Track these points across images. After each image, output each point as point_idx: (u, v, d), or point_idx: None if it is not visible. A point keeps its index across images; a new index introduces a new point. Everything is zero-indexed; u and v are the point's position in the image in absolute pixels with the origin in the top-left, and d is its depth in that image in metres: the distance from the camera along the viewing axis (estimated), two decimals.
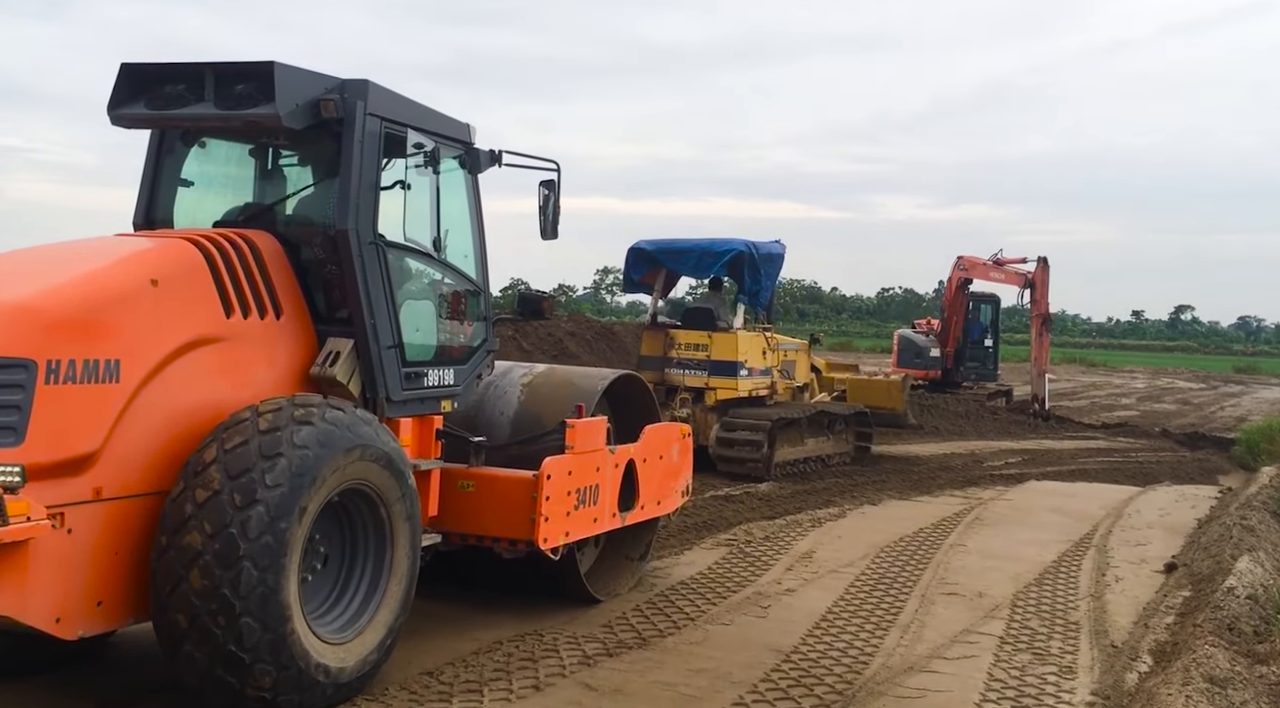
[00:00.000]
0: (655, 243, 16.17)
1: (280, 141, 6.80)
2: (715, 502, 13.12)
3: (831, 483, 15.41)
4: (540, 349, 24.24)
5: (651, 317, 16.65)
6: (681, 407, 15.26)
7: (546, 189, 7.68)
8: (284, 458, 5.30)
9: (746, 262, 15.61)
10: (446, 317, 7.29)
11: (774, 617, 8.35)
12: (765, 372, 16.14)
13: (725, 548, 10.67)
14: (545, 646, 7.28)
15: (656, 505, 8.94)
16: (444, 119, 7.18)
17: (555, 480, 7.43)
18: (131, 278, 5.40)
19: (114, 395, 5.18)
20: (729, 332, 15.58)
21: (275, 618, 5.25)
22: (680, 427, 9.45)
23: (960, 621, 8.50)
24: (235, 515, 5.16)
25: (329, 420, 5.56)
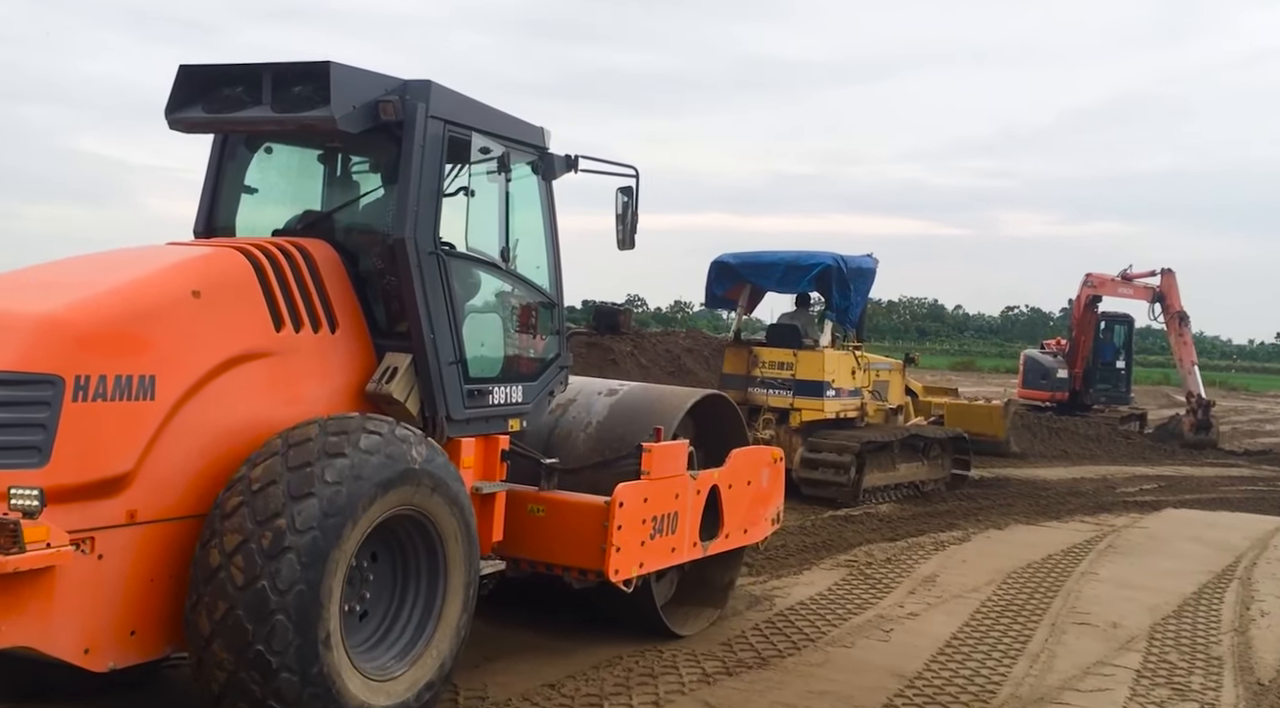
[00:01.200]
0: (739, 256, 15.56)
1: (337, 145, 6.48)
2: (834, 522, 12.91)
3: (955, 506, 14.91)
4: (657, 365, 24.12)
5: (735, 334, 16.11)
6: (765, 428, 14.68)
7: (625, 196, 7.26)
8: (314, 498, 4.92)
9: (835, 276, 14.87)
10: (515, 331, 6.90)
11: (897, 641, 8.16)
12: (854, 392, 15.42)
13: (845, 569, 10.48)
14: (664, 662, 7.27)
15: (743, 534, 8.41)
16: (515, 123, 6.80)
17: (628, 508, 6.97)
18: (170, 289, 5.10)
19: (148, 414, 4.87)
20: (815, 350, 14.93)
21: (316, 672, 4.88)
22: (771, 451, 8.91)
23: (1093, 652, 8.16)
24: (264, 566, 4.80)
25: (365, 448, 5.16)
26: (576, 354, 22.89)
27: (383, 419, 5.48)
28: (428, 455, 5.49)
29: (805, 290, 15.56)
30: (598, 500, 6.96)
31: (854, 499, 14.20)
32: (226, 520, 4.92)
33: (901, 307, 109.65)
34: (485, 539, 6.64)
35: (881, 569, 10.57)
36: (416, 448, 5.44)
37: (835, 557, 11.03)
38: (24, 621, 4.45)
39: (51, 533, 4.35)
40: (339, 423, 5.26)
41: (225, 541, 4.88)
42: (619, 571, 6.96)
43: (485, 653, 7.09)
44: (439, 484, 5.53)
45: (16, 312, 4.70)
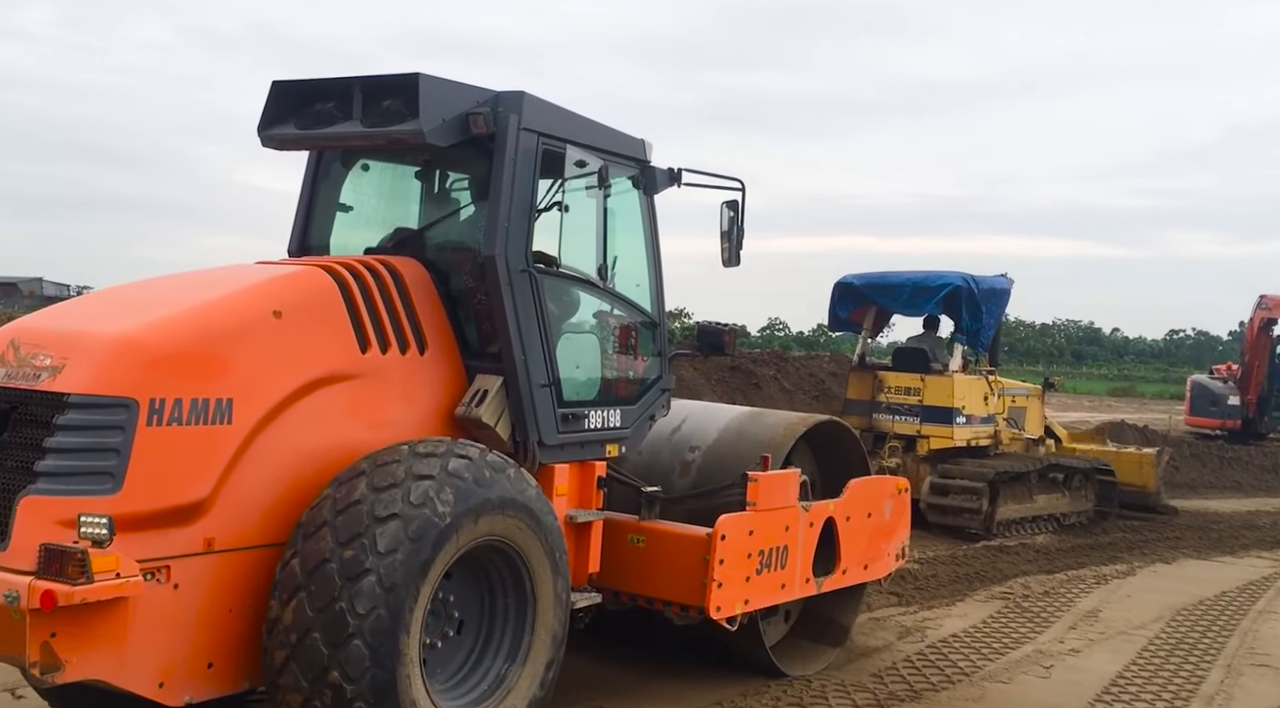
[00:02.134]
0: (864, 277, 14.94)
1: (431, 160, 6.28)
2: (987, 552, 12.50)
3: (1117, 538, 14.28)
4: (801, 389, 23.92)
5: (859, 357, 15.55)
6: (891, 456, 14.11)
7: (731, 210, 6.91)
8: (399, 520, 4.69)
9: (965, 297, 14.14)
10: (613, 352, 6.60)
11: (1058, 678, 7.87)
12: (987, 419, 14.63)
13: (1000, 601, 10.14)
14: (813, 692, 7.16)
15: (863, 570, 7.94)
16: (614, 135, 6.52)
17: (732, 541, 6.59)
18: (250, 309, 4.93)
19: (226, 438, 4.69)
20: (944, 374, 14.21)
21: (392, 703, 4.62)
22: (895, 481, 8.42)
23: (1275, 696, 7.72)
24: (344, 588, 4.58)
25: (452, 472, 4.92)
26: (718, 377, 22.78)
27: (471, 445, 5.23)
28: (516, 483, 5.22)
29: (933, 312, 14.86)
30: (699, 532, 6.60)
31: (986, 532, 13.52)
32: (307, 540, 4.72)
33: (1055, 329, 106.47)
34: (581, 571, 6.35)
35: (1039, 602, 10.18)
36: (510, 475, 5.17)
37: (989, 588, 10.67)
38: (95, 653, 4.28)
39: (121, 563, 4.17)
40: (428, 446, 5.02)
41: (306, 559, 4.68)
42: (721, 607, 6.57)
43: (590, 691, 6.82)
44: (526, 513, 5.25)
45: (91, 332, 4.58)
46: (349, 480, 4.86)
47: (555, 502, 6.02)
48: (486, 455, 5.14)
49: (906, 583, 10.47)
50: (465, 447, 5.13)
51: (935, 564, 11.60)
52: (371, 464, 4.91)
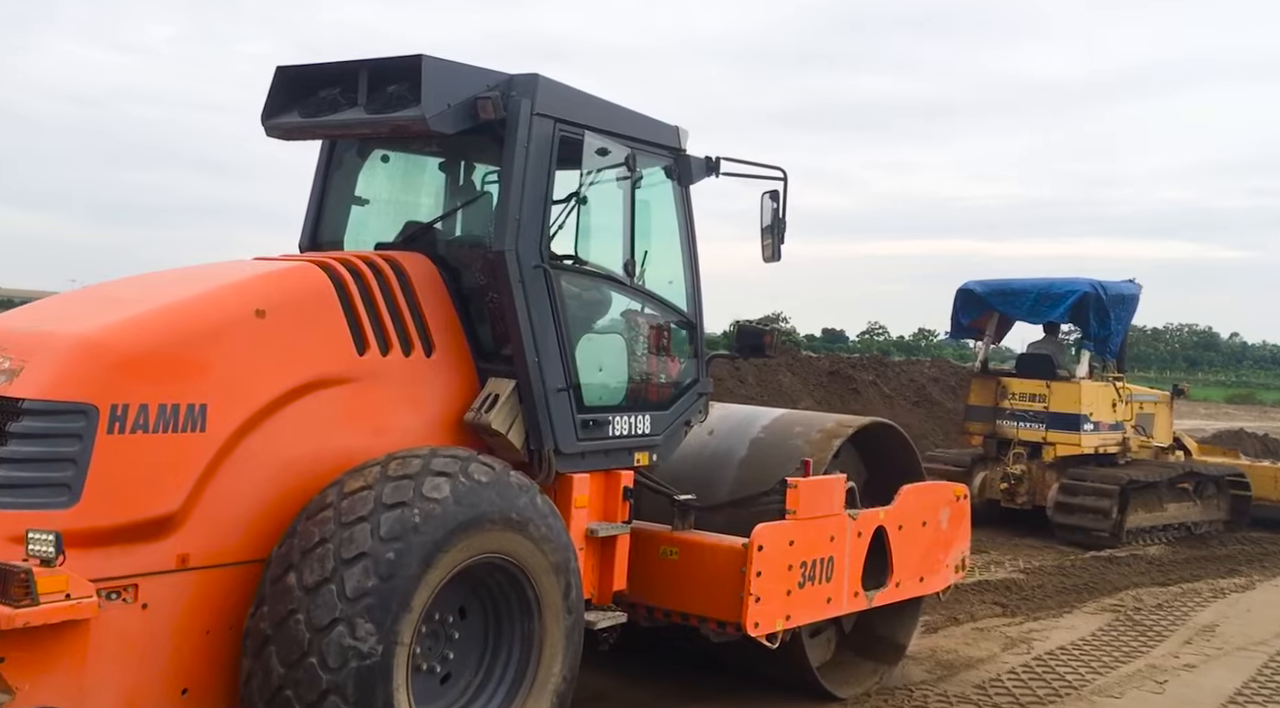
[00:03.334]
0: (987, 284, 14.66)
1: (436, 149, 5.91)
2: (1096, 563, 12.10)
3: (1236, 550, 13.67)
4: (901, 395, 23.53)
5: (981, 364, 15.13)
6: (1015, 462, 13.96)
7: (772, 201, 6.43)
8: (368, 559, 4.32)
9: (1093, 304, 13.81)
10: (642, 354, 6.18)
11: (1172, 694, 7.60)
12: (1115, 426, 14.25)
13: (1110, 614, 9.84)
14: (915, 702, 7.03)
15: (918, 583, 7.42)
16: (644, 121, 6.09)
17: (770, 552, 6.13)
18: (228, 308, 4.61)
19: (199, 447, 4.38)
20: (1070, 381, 13.91)
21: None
22: (953, 486, 7.87)
23: None
24: (314, 641, 4.23)
25: (429, 495, 4.52)
26: (815, 382, 22.32)
27: (456, 453, 4.84)
28: (509, 494, 4.82)
29: (1060, 319, 14.55)
30: (734, 543, 6.16)
31: (1116, 541, 13.14)
32: (274, 585, 4.39)
33: (1169, 334, 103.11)
34: (605, 588, 5.95)
35: (1152, 615, 9.80)
36: (494, 487, 4.78)
37: (1099, 600, 10.35)
38: (50, 679, 3.99)
39: (72, 583, 3.88)
40: (402, 465, 4.64)
41: (273, 608, 4.35)
42: (759, 624, 6.13)
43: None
44: (527, 526, 4.86)
45: (52, 333, 4.30)
46: (317, 513, 4.50)
47: (575, 514, 5.64)
48: (471, 467, 4.73)
49: (1011, 593, 10.24)
50: (447, 457, 4.73)
51: (1041, 574, 11.28)
52: (339, 493, 4.54)
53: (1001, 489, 14.12)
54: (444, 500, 4.52)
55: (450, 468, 4.65)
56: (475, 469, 4.73)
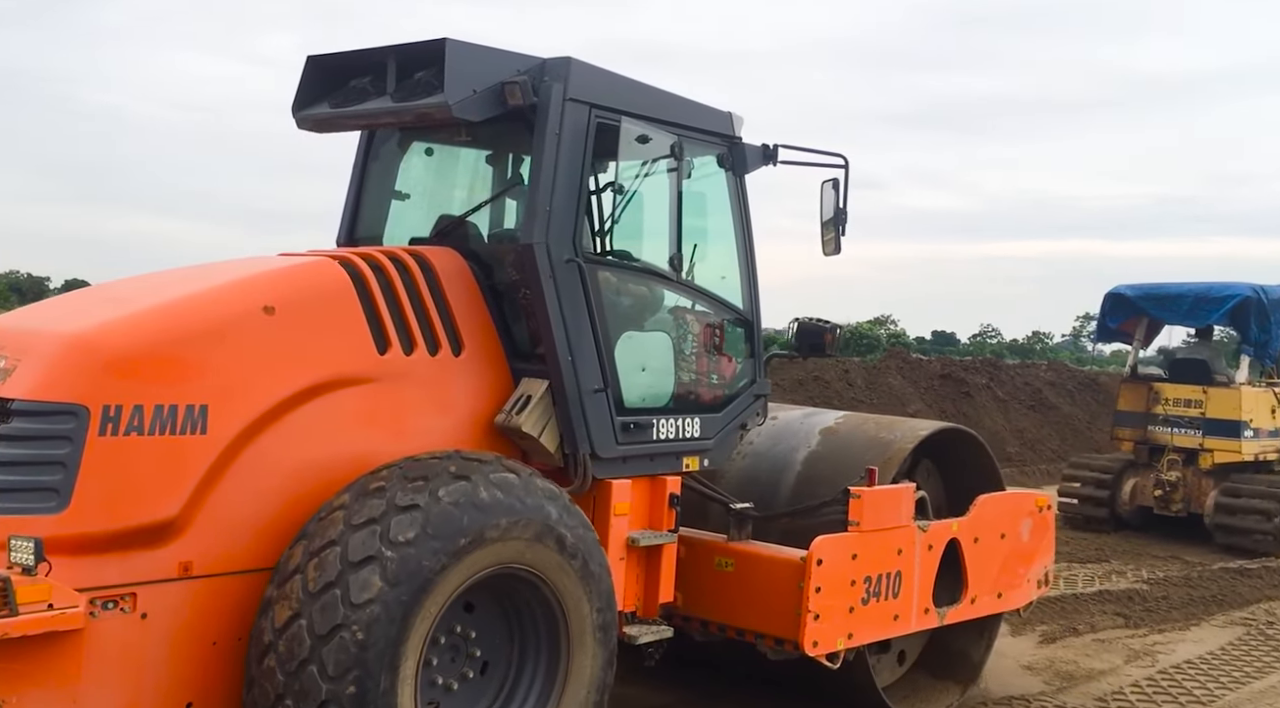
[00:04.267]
0: (1138, 288, 14.21)
1: (465, 139, 5.64)
2: (1225, 575, 11.51)
3: None
4: (1016, 399, 22.97)
5: (1131, 368, 14.61)
6: (1170, 469, 13.54)
7: (833, 190, 6.03)
8: (376, 563, 4.06)
9: (1254, 308, 13.29)
10: (690, 353, 5.83)
11: None
12: (1275, 433, 13.69)
13: (1241, 627, 9.36)
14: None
15: (996, 599, 6.93)
16: (693, 107, 5.75)
17: (830, 566, 5.74)
18: (234, 305, 4.40)
19: (199, 449, 4.17)
20: (1229, 387, 13.42)
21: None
22: (1035, 496, 7.35)
23: None
24: (316, 648, 3.99)
25: (448, 498, 4.25)
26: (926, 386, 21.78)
27: (476, 458, 4.56)
28: (534, 501, 4.52)
29: (1218, 323, 14.34)
30: (792, 556, 5.78)
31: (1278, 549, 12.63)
32: (280, 588, 4.16)
33: None
34: (650, 600, 5.62)
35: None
36: (515, 494, 4.48)
37: (1228, 613, 9.85)
38: (40, 692, 3.82)
39: (56, 593, 3.70)
40: (419, 468, 4.38)
41: (277, 613, 4.13)
42: (818, 642, 5.73)
43: None
44: (556, 538, 4.56)
45: (47, 332, 4.13)
46: (328, 515, 4.27)
47: (614, 522, 5.33)
48: (494, 472, 4.46)
49: (1134, 604, 9.89)
50: (465, 462, 4.46)
51: (1166, 585, 10.77)
52: (354, 494, 4.30)
53: (1155, 496, 13.70)
54: (462, 506, 4.25)
55: (469, 472, 4.38)
56: (500, 477, 4.44)
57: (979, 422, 21.60)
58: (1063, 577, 10.99)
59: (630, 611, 5.56)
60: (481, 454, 4.59)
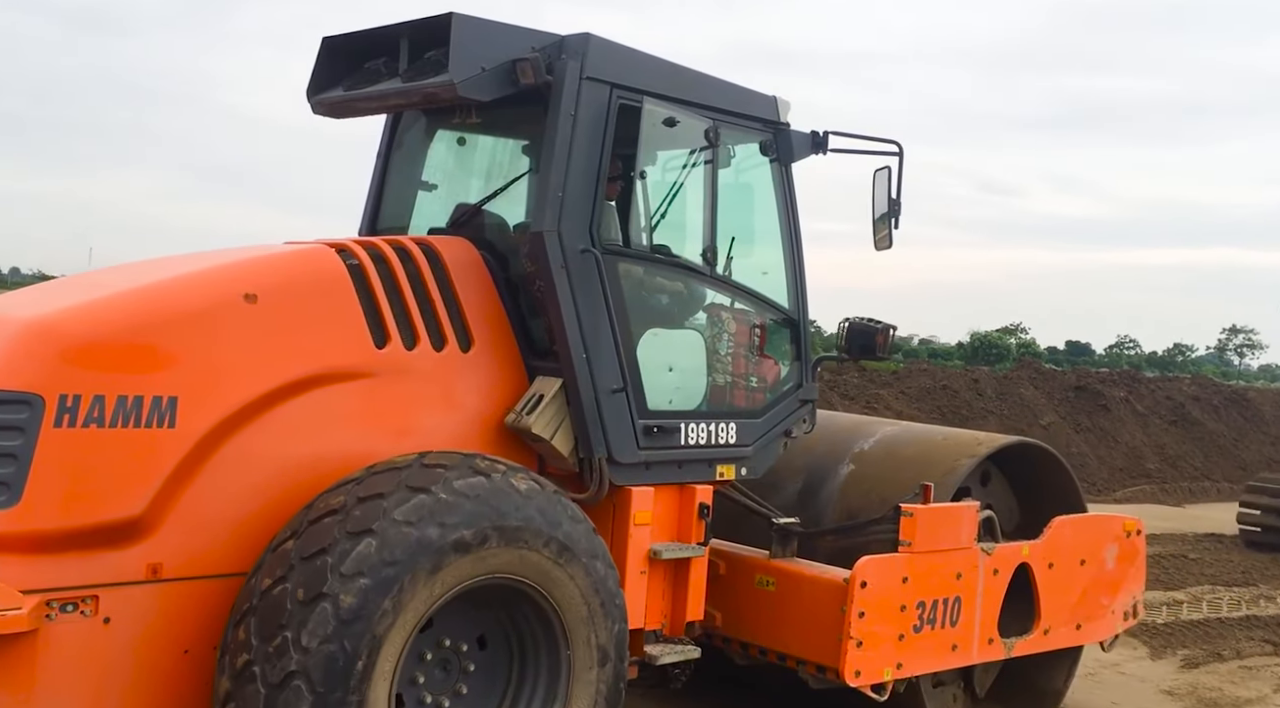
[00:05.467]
0: None
1: (473, 122, 5.31)
2: None
3: None
4: (1155, 413, 22.13)
5: None
6: None
7: (885, 179, 5.56)
8: (326, 602, 3.72)
9: None
10: (726, 353, 5.42)
11: None
12: None
13: None
14: None
15: (1073, 630, 6.34)
16: (731, 91, 5.36)
17: (876, 589, 5.26)
18: (211, 292, 4.14)
19: (166, 444, 3.91)
20: None
21: None
22: (1123, 520, 6.72)
23: None
24: (270, 698, 3.68)
25: (407, 516, 3.89)
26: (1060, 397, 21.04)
27: (454, 457, 4.20)
28: (516, 504, 4.14)
29: None
30: (834, 577, 5.32)
31: None
32: (234, 631, 3.87)
33: None
34: (677, 617, 5.22)
35: None
36: (514, 498, 4.13)
37: None
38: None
39: None
40: (377, 481, 4.03)
41: (233, 658, 3.83)
42: (861, 672, 5.26)
43: None
44: (544, 544, 4.19)
45: (4, 319, 3.92)
46: (280, 545, 3.95)
47: (634, 533, 4.95)
48: (466, 476, 4.07)
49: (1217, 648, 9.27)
50: (432, 470, 4.08)
51: None
52: (304, 519, 3.97)
53: None
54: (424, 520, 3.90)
55: (431, 483, 4.00)
56: (471, 484, 4.07)
57: (1116, 436, 20.72)
58: (1205, 600, 10.39)
59: (656, 629, 5.16)
60: (447, 456, 4.23)
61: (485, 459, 4.30)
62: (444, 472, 4.10)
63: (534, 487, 4.29)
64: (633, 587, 4.94)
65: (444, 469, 4.12)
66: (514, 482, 4.23)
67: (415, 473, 4.07)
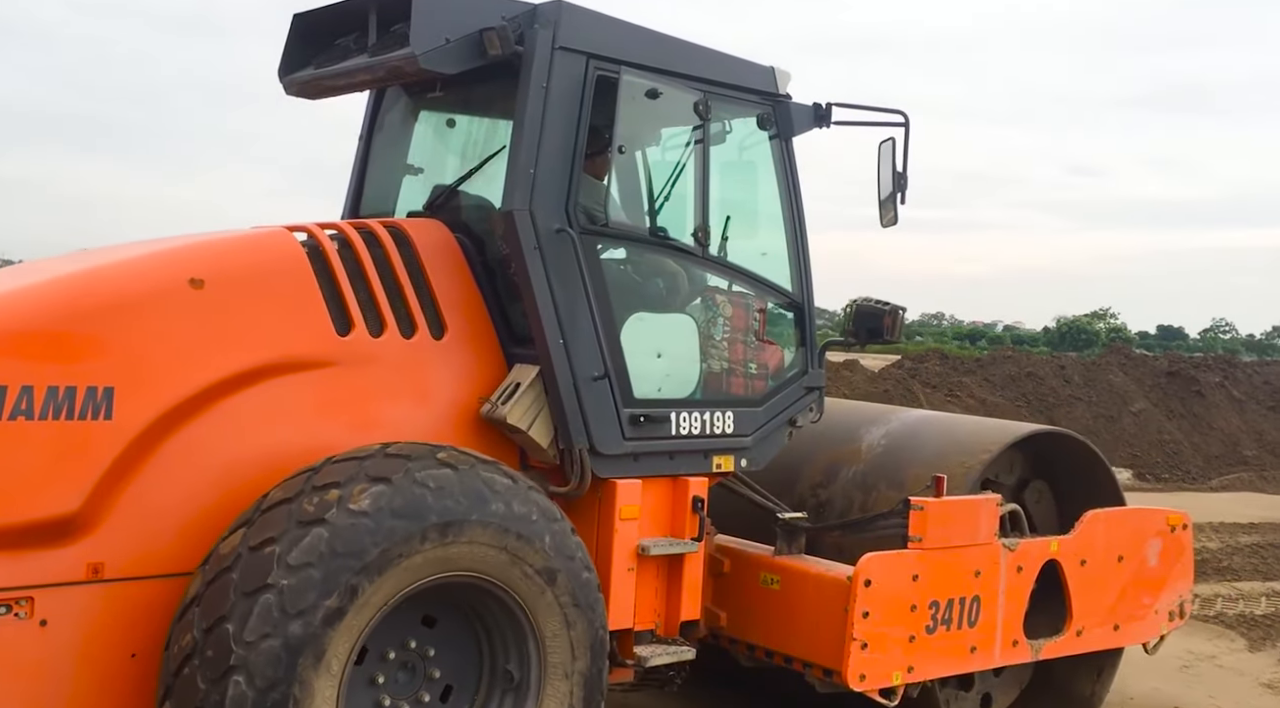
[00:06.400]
0: None
1: (438, 95, 5.08)
2: None
3: None
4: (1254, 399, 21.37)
5: None
6: None
7: (890, 151, 5.23)
8: (269, 593, 3.52)
9: None
10: (722, 338, 5.12)
11: None
12: None
13: None
14: None
15: (1111, 632, 5.94)
16: (724, 61, 5.06)
17: (883, 588, 4.94)
18: (154, 277, 3.95)
19: (103, 437, 3.73)
20: None
21: None
22: (1166, 514, 6.28)
23: None
24: (208, 694, 3.49)
25: (364, 506, 3.67)
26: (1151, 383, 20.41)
27: (419, 447, 3.98)
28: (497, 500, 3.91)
29: None
30: (837, 574, 5.02)
31: None
32: (179, 621, 3.70)
33: None
34: (671, 617, 4.96)
35: None
36: (472, 491, 3.89)
37: None
38: None
39: None
40: (335, 471, 3.81)
41: (172, 652, 3.66)
42: (866, 676, 4.94)
43: None
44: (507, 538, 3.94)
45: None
46: (229, 534, 3.77)
47: (620, 528, 4.69)
48: (431, 467, 3.85)
49: None
50: (395, 460, 3.86)
51: None
52: (258, 507, 3.78)
53: None
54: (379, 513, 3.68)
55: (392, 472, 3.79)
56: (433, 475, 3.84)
57: (1211, 422, 20.07)
58: None
59: (648, 629, 4.89)
60: (413, 446, 4.00)
61: (453, 451, 4.07)
62: (407, 462, 3.88)
63: (506, 482, 4.05)
64: (619, 585, 4.69)
65: (407, 460, 3.90)
66: (483, 475, 4.00)
67: (377, 462, 3.87)
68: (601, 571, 4.62)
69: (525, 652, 4.11)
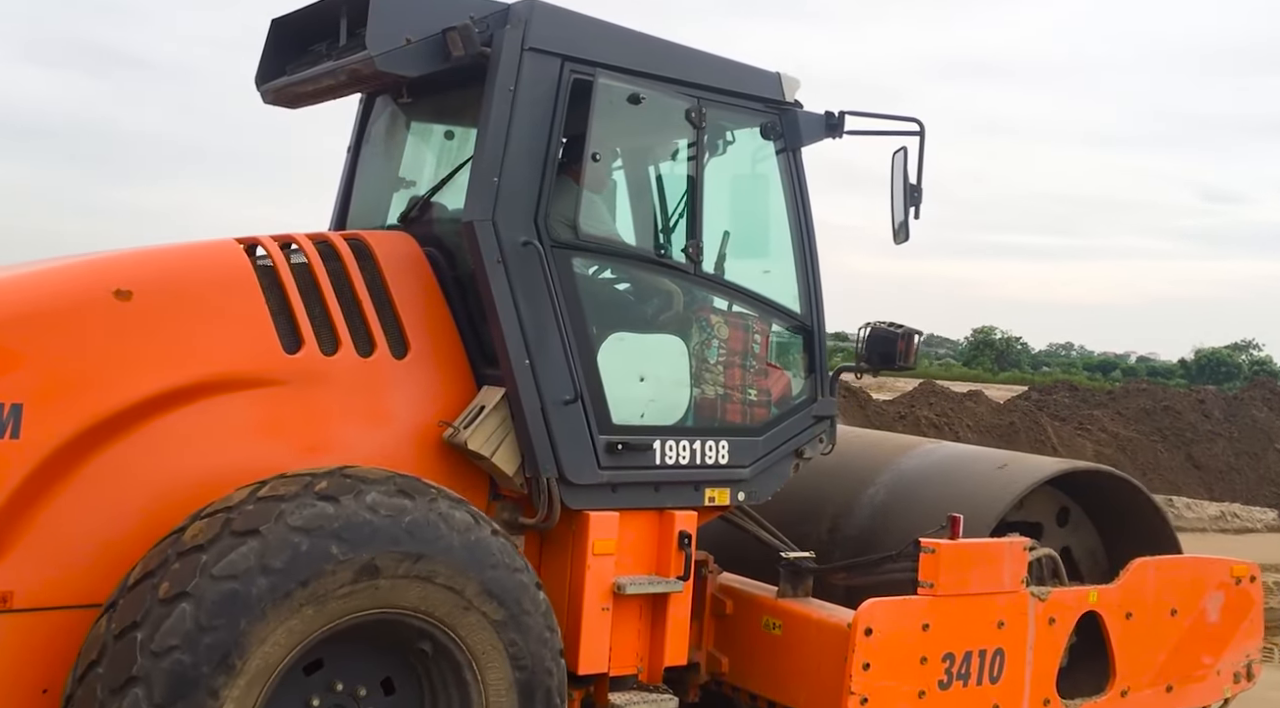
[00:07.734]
0: None
1: (404, 99, 4.80)
2: None
3: None
4: None
5: None
6: None
7: (903, 162, 4.82)
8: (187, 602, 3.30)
9: None
10: (718, 362, 4.74)
11: None
12: None
13: None
14: None
15: (1163, 693, 5.38)
16: (723, 67, 4.72)
17: (886, 637, 4.50)
18: (73, 288, 3.73)
19: (6, 456, 3.50)
20: None
21: None
22: (1230, 564, 5.69)
23: None
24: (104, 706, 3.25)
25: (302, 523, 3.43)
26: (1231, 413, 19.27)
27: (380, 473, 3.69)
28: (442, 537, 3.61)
29: None
30: (837, 621, 4.59)
31: None
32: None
33: None
34: (654, 662, 4.58)
35: None
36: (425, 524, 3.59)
37: None
38: None
39: None
40: (282, 483, 3.55)
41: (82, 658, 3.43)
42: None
43: None
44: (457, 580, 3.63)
45: None
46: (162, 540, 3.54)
47: (593, 564, 4.34)
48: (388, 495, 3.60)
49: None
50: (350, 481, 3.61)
51: None
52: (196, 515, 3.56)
53: None
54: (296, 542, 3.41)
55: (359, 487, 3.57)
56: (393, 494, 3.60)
57: None
58: None
59: (628, 674, 4.52)
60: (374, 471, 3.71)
61: (415, 481, 3.78)
62: (363, 486, 3.61)
63: (465, 519, 3.74)
64: (592, 626, 4.33)
65: (365, 483, 3.63)
66: (441, 509, 3.70)
67: (331, 482, 3.60)
68: (572, 610, 4.29)
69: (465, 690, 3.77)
